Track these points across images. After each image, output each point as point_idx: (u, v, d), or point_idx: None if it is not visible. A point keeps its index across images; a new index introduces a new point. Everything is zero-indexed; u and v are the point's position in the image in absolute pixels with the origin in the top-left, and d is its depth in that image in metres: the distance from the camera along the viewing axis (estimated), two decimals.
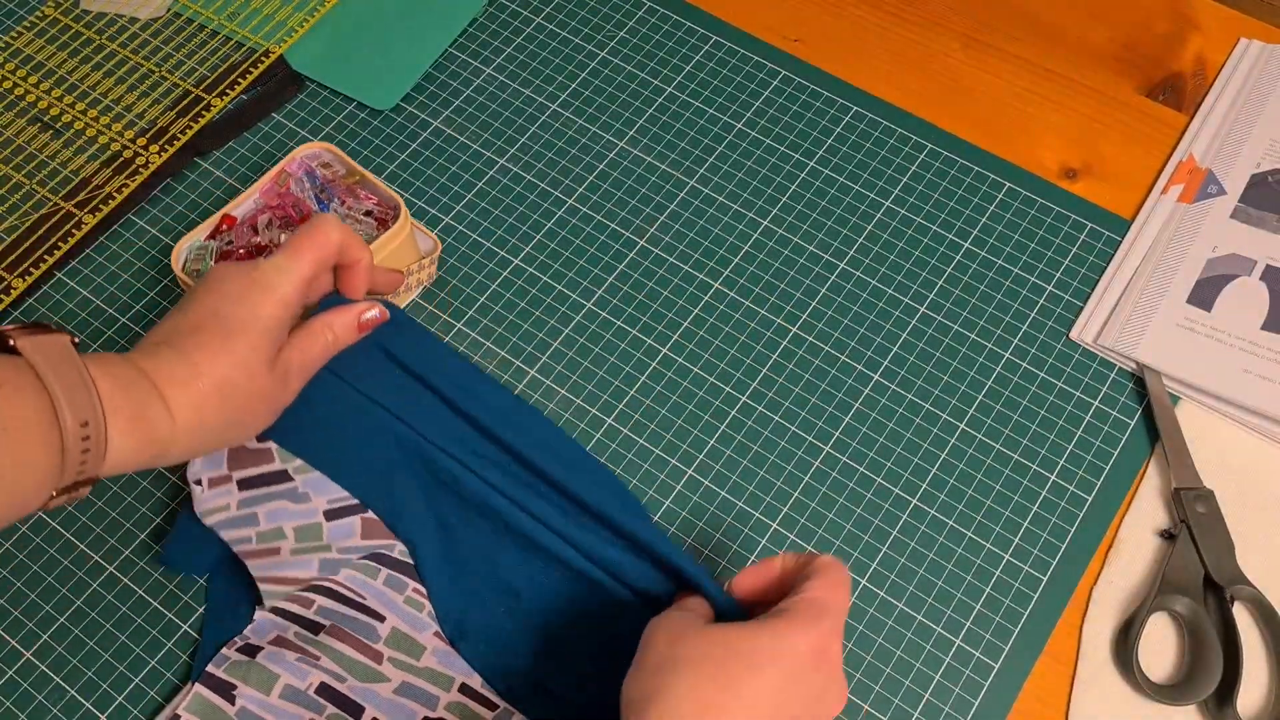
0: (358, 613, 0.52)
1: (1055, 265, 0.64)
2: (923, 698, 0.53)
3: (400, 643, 0.52)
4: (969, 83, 0.71)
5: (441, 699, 0.51)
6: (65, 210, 0.66)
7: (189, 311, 0.48)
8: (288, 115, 0.70)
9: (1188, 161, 0.67)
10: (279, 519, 0.52)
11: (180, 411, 0.45)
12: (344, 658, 0.51)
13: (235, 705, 0.50)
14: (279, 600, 0.52)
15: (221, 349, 0.47)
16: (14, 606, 0.56)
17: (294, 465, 0.53)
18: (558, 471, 0.53)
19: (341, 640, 0.51)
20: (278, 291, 0.48)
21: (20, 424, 0.40)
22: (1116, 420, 0.59)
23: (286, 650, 0.51)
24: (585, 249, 0.65)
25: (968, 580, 0.55)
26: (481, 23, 0.74)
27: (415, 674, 0.51)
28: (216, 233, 0.60)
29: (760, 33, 0.73)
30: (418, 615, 0.53)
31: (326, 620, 0.52)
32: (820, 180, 0.67)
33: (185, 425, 0.46)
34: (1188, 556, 0.55)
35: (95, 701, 0.53)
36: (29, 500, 0.41)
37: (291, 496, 0.53)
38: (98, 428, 0.42)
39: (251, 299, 0.48)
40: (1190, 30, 0.72)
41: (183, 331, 0.47)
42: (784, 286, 0.64)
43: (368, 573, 0.53)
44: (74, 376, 0.42)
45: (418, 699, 0.50)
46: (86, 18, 0.75)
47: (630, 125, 0.69)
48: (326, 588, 0.52)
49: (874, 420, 0.60)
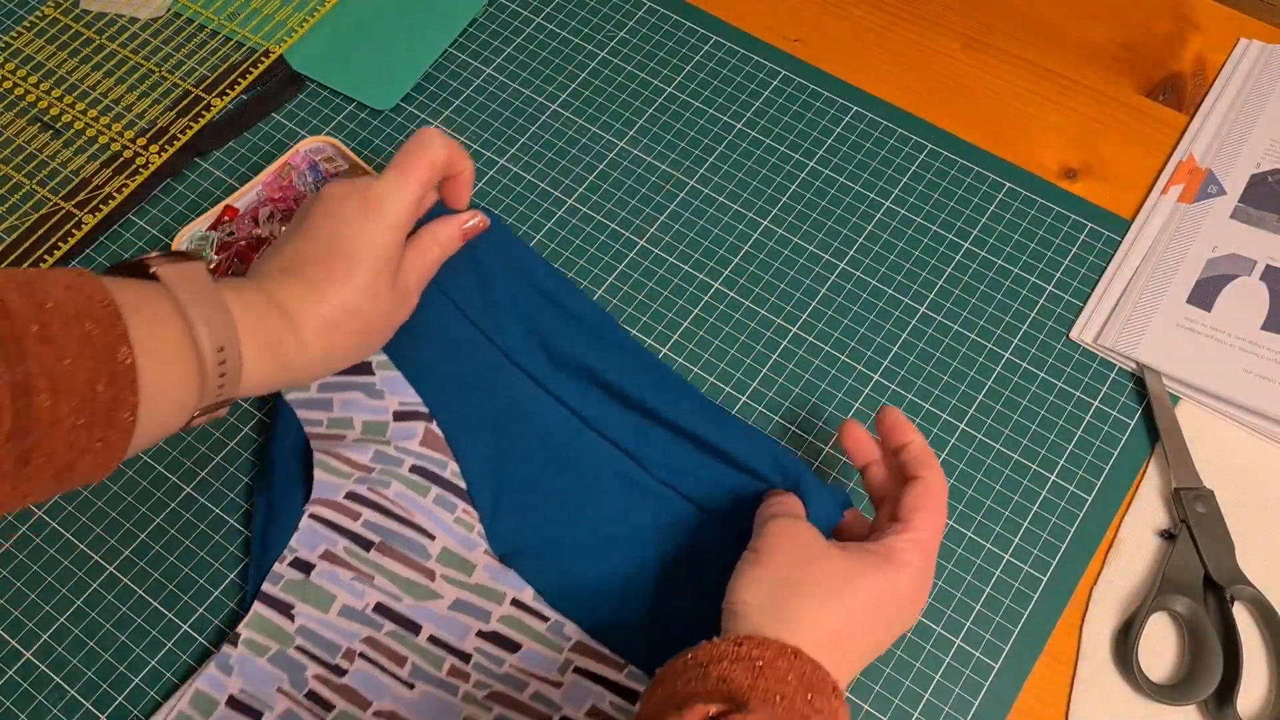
0: (407, 529, 0.53)
1: (1055, 265, 0.64)
2: (922, 698, 0.53)
3: (451, 560, 0.53)
4: (969, 83, 0.71)
5: (494, 612, 0.52)
6: (65, 210, 0.66)
7: (309, 237, 0.49)
8: (288, 115, 0.70)
9: (1188, 161, 0.67)
10: (351, 410, 0.55)
11: (311, 339, 0.48)
12: (398, 577, 0.53)
13: (295, 623, 0.52)
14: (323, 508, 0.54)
15: (346, 277, 0.48)
16: (14, 606, 0.56)
17: (378, 359, 0.56)
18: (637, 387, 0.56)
19: (393, 559, 0.53)
20: (391, 216, 0.50)
21: (163, 348, 0.43)
22: (1116, 420, 0.59)
23: (340, 568, 0.53)
24: (585, 249, 0.65)
25: (968, 580, 0.55)
26: (481, 23, 0.74)
27: (468, 590, 0.53)
28: (218, 223, 0.60)
29: (760, 33, 0.73)
30: (468, 535, 0.54)
31: (375, 536, 0.53)
32: (820, 180, 0.67)
33: (316, 351, 0.48)
34: (1188, 556, 0.55)
35: (95, 701, 0.53)
36: (172, 420, 0.44)
37: (368, 391, 0.55)
38: (233, 353, 0.45)
39: (369, 226, 0.49)
40: (1190, 30, 0.72)
41: (306, 259, 0.49)
42: (784, 286, 0.64)
43: (418, 490, 0.54)
44: (211, 304, 0.44)
45: (471, 614, 0.52)
46: (86, 18, 0.75)
47: (630, 125, 0.69)
48: (374, 501, 0.54)
49: (875, 420, 0.60)
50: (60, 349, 0.39)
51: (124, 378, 0.41)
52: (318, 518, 0.54)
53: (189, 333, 0.43)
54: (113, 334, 0.41)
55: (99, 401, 0.40)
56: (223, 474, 0.58)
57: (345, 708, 0.51)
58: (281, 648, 0.52)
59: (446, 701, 0.51)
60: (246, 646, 0.52)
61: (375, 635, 0.52)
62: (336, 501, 0.54)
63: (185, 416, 0.45)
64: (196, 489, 0.58)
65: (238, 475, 0.58)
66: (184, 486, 0.58)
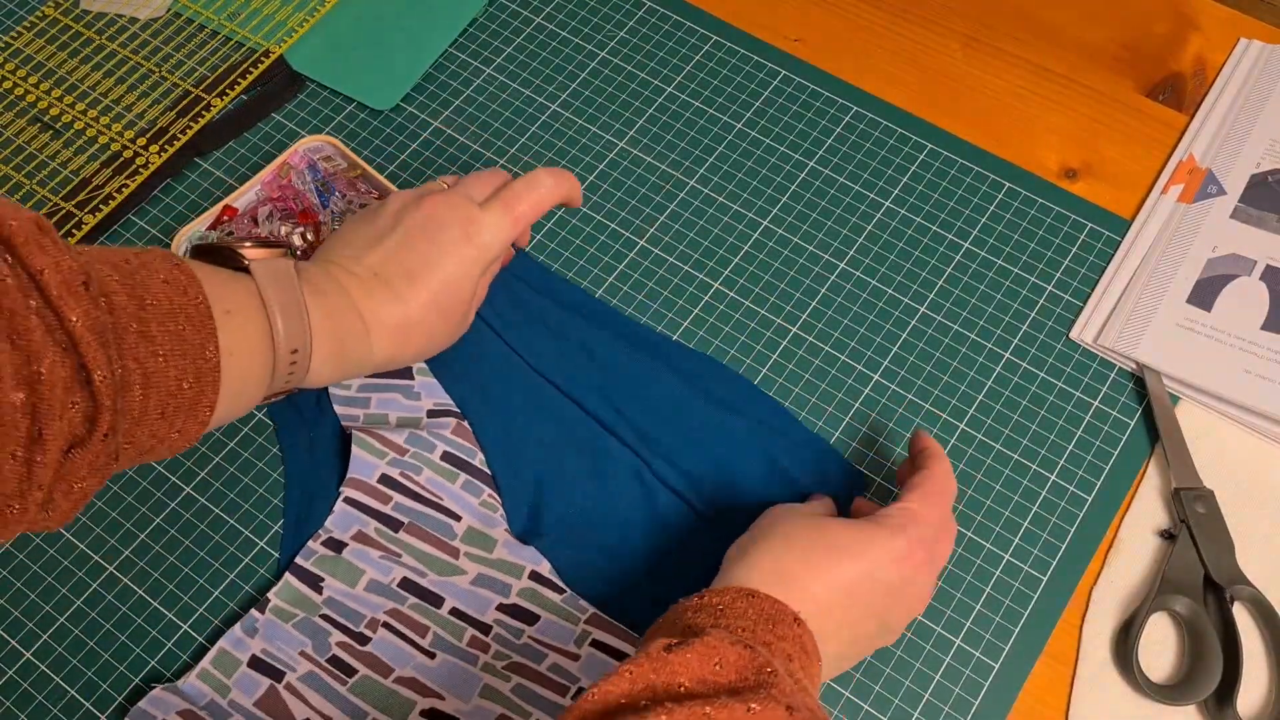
0: (435, 511, 0.56)
1: (1055, 265, 0.64)
2: (923, 698, 0.53)
3: (474, 538, 0.56)
4: (969, 83, 0.71)
5: (514, 586, 0.54)
6: (65, 210, 0.66)
7: (405, 247, 0.51)
8: (288, 115, 0.70)
9: (1188, 161, 0.67)
10: (388, 408, 0.59)
11: (380, 346, 0.51)
12: (424, 555, 0.55)
13: (323, 595, 0.54)
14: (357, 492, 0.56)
15: (432, 297, 0.51)
16: (14, 606, 0.56)
17: (418, 365, 0.59)
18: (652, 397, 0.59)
19: (420, 538, 0.55)
20: (488, 253, 0.52)
21: (244, 347, 0.46)
22: (1116, 420, 0.59)
23: (370, 548, 0.55)
24: (585, 249, 0.65)
25: (968, 580, 0.55)
26: (481, 23, 0.74)
27: (489, 565, 0.55)
28: (218, 223, 0.60)
29: (760, 33, 0.73)
30: (491, 515, 0.56)
31: (405, 518, 0.56)
32: (820, 180, 0.67)
33: (381, 356, 0.51)
34: (1188, 556, 0.55)
35: (95, 701, 0.53)
36: (239, 409, 0.47)
37: (405, 393, 0.59)
38: (304, 353, 0.48)
39: (467, 255, 0.52)
40: (1190, 30, 0.72)
41: (397, 270, 0.51)
42: (784, 286, 0.64)
43: (447, 476, 0.56)
44: (293, 306, 0.47)
45: (492, 588, 0.54)
46: (86, 18, 0.75)
47: (630, 125, 0.69)
48: (406, 487, 0.56)
49: (875, 420, 0.60)
50: (155, 345, 0.42)
51: (208, 376, 0.44)
52: (352, 501, 0.56)
53: (270, 333, 0.46)
54: (203, 332, 0.43)
55: (184, 397, 0.43)
56: (223, 474, 0.58)
57: (367, 674, 0.52)
58: (307, 615, 0.54)
59: (466, 670, 0.52)
60: (273, 612, 0.54)
61: (399, 607, 0.54)
62: (370, 484, 0.56)
63: (251, 405, 0.48)
64: (196, 489, 0.58)
65: (237, 475, 0.58)
66: (184, 486, 0.58)
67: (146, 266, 0.43)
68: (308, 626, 0.53)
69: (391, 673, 0.52)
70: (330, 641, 0.53)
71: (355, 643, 0.53)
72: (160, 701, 0.51)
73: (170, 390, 0.42)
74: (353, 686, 0.52)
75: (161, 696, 0.51)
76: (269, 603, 0.54)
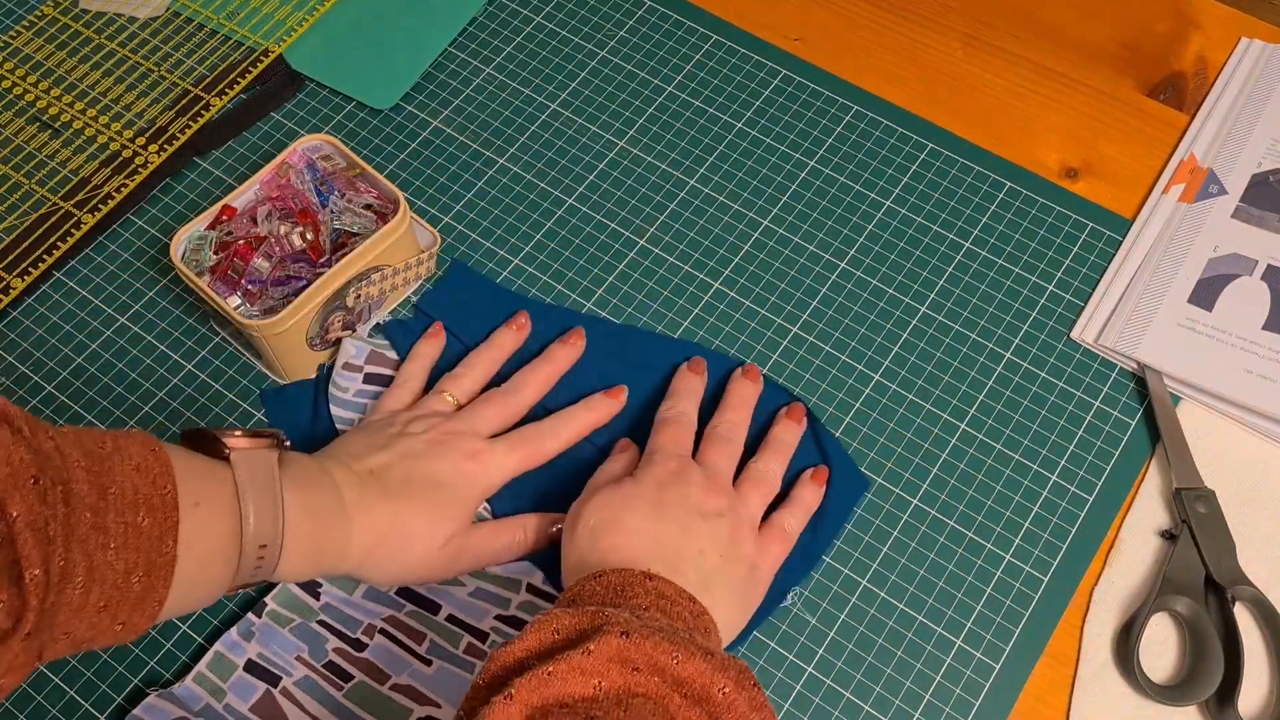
0: None
1: (1056, 265, 0.64)
2: (923, 698, 0.53)
3: None
4: (969, 82, 0.71)
5: (514, 599, 0.54)
6: (64, 210, 0.66)
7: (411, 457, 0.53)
8: (287, 115, 0.70)
9: (1189, 161, 0.67)
10: None
11: (358, 553, 0.50)
12: None
13: (320, 600, 0.54)
14: None
15: (427, 519, 0.52)
16: None
17: None
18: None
19: None
20: (492, 482, 0.55)
21: (209, 544, 0.44)
22: (1117, 420, 0.59)
23: None
24: (585, 249, 0.65)
25: (968, 581, 0.55)
26: (481, 22, 0.74)
27: (488, 581, 0.55)
28: (216, 223, 0.60)
29: (760, 32, 0.73)
30: None
31: None
32: (820, 180, 0.67)
33: (356, 563, 0.51)
34: (1189, 557, 0.54)
35: (95, 701, 0.53)
36: (197, 602, 0.45)
37: None
38: (273, 551, 0.46)
39: (470, 484, 0.54)
40: (1191, 29, 0.72)
41: (399, 477, 0.52)
42: (784, 286, 0.64)
43: None
44: (268, 503, 0.46)
45: (491, 601, 0.54)
46: (86, 17, 0.74)
47: (630, 125, 0.69)
48: None
49: (875, 421, 0.59)
50: (108, 537, 0.40)
51: (161, 570, 0.42)
52: None
53: (239, 526, 0.45)
54: (164, 525, 0.42)
55: (130, 591, 0.41)
56: None
57: (363, 679, 0.52)
58: (304, 620, 0.54)
59: (463, 678, 0.52)
60: (270, 617, 0.54)
61: (396, 614, 0.54)
62: None
63: (216, 596, 0.46)
64: None
65: None
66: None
67: (121, 451, 0.42)
68: (304, 631, 0.53)
69: (388, 679, 0.52)
70: (327, 647, 0.53)
71: (352, 648, 0.53)
72: (155, 709, 0.51)
73: (116, 584, 0.41)
74: (348, 692, 0.52)
75: (156, 704, 0.51)
76: (266, 607, 0.54)
